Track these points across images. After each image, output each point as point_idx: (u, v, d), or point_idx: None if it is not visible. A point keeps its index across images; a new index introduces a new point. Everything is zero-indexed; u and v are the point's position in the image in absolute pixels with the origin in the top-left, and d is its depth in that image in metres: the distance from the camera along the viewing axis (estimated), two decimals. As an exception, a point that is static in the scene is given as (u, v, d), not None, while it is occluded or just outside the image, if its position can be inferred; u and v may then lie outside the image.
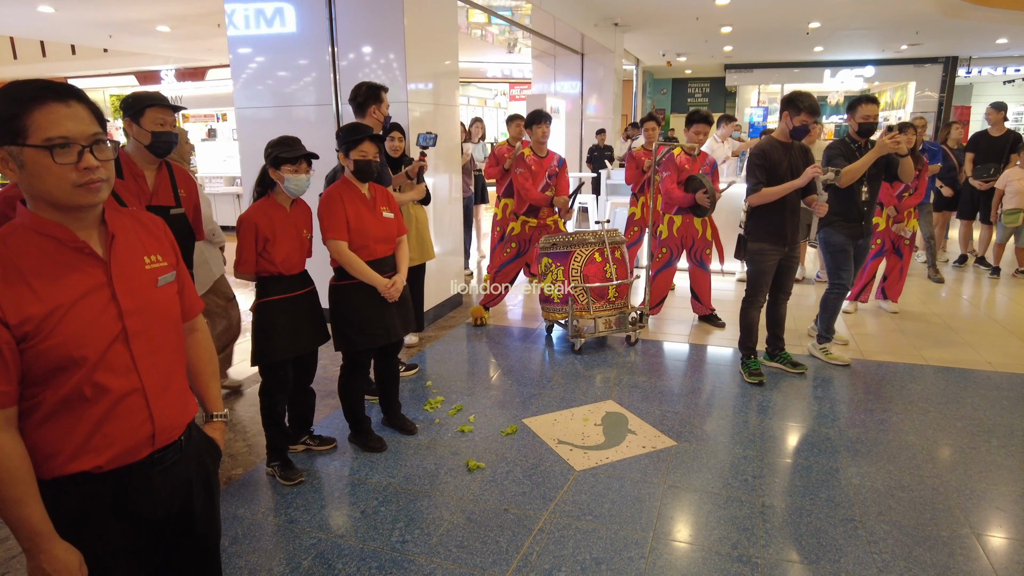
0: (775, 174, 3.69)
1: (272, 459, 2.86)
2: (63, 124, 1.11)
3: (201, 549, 1.44)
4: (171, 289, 1.35)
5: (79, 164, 1.13)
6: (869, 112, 3.82)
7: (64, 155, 1.11)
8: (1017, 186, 6.31)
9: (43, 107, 1.10)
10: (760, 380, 3.84)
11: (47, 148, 1.10)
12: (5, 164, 1.12)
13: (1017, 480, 2.78)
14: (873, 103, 3.86)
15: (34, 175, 1.11)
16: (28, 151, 1.10)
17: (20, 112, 1.09)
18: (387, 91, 3.50)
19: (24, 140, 1.09)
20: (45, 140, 1.10)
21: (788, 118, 3.68)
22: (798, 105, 3.61)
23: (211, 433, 1.50)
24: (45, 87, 1.12)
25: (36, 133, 1.10)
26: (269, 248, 2.62)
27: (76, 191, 1.14)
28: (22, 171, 1.11)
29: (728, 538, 2.39)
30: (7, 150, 1.10)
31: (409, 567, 2.25)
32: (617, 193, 7.55)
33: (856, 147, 3.92)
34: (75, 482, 1.19)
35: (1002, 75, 19.15)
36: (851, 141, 3.94)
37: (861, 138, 3.91)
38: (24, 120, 1.09)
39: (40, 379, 1.15)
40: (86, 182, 1.14)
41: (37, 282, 1.13)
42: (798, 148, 3.77)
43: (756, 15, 10.81)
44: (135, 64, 14.17)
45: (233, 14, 4.95)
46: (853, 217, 3.96)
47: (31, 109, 1.09)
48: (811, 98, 3.63)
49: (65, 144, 1.11)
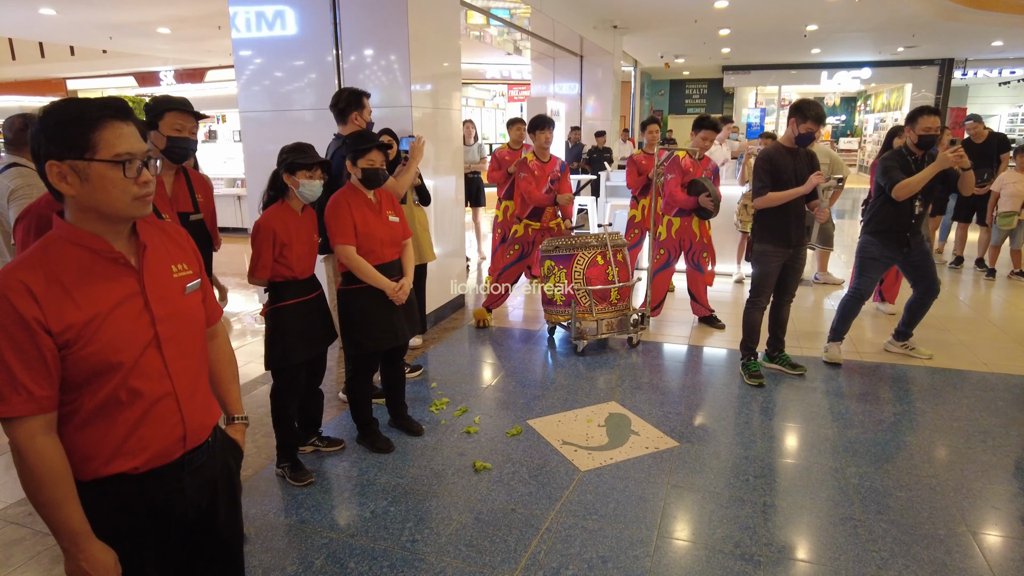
0: (780, 179, 3.76)
1: (282, 460, 2.91)
2: (127, 141, 1.19)
3: (225, 549, 1.49)
4: (197, 296, 1.41)
5: (139, 179, 1.21)
6: (931, 124, 3.78)
7: (131, 170, 1.19)
8: (1012, 189, 6.38)
9: (109, 125, 1.18)
10: (760, 382, 3.90)
11: (119, 163, 1.17)
12: (63, 178, 1.17)
13: (1012, 479, 2.85)
14: (935, 115, 3.81)
15: (99, 188, 1.18)
16: (97, 165, 1.16)
17: (89, 129, 1.16)
18: (369, 96, 3.50)
19: (93, 155, 1.16)
20: (115, 155, 1.17)
21: (795, 125, 3.74)
22: (805, 113, 3.68)
23: (233, 435, 1.55)
24: (109, 106, 1.19)
25: (105, 149, 1.17)
26: (286, 253, 2.66)
27: (134, 203, 1.21)
28: (84, 184, 1.17)
29: (731, 536, 2.45)
30: (71, 164, 1.16)
31: (420, 566, 2.30)
32: (617, 195, 7.60)
33: (913, 159, 3.90)
34: (111, 484, 1.24)
35: (997, 77, 19.28)
36: (908, 153, 3.92)
37: (919, 151, 3.89)
38: (92, 136, 1.16)
39: (79, 384, 1.19)
40: (144, 195, 1.22)
41: (77, 291, 1.18)
42: (803, 154, 3.83)
43: (754, 17, 10.88)
44: (134, 65, 14.18)
45: (236, 16, 4.98)
46: (899, 230, 3.95)
47: (99, 127, 1.17)
48: (818, 107, 3.71)
49: (131, 160, 1.19)
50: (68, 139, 1.15)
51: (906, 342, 4.40)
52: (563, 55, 11.30)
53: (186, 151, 2.50)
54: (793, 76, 19.66)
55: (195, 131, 2.54)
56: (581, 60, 11.65)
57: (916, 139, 3.86)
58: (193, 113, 2.49)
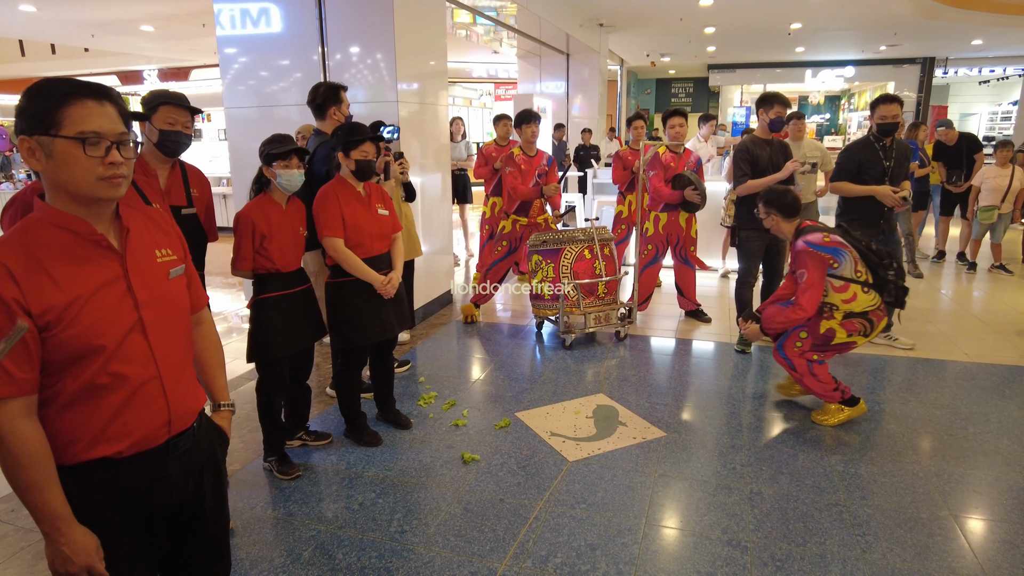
0: (758, 167, 4.01)
1: (269, 454, 2.89)
2: (96, 120, 1.17)
3: (211, 535, 1.49)
4: (181, 282, 1.40)
5: (106, 159, 1.18)
6: (887, 112, 3.92)
7: (94, 149, 1.17)
8: (992, 184, 6.48)
9: (78, 102, 1.16)
10: (744, 350, 4.31)
11: (80, 140, 1.16)
12: (32, 154, 1.16)
13: (992, 464, 2.89)
14: (893, 102, 3.93)
15: (62, 165, 1.16)
16: (60, 142, 1.15)
17: (56, 106, 1.15)
18: (346, 90, 3.46)
19: (57, 131, 1.15)
20: (78, 133, 1.16)
21: (763, 114, 4.03)
22: (771, 101, 3.98)
23: (219, 421, 1.55)
24: (81, 85, 1.18)
25: (70, 126, 1.15)
26: (266, 245, 2.65)
27: (99, 184, 1.19)
28: (49, 161, 1.16)
29: (718, 523, 2.47)
30: (37, 140, 1.15)
31: (408, 556, 2.30)
32: (604, 192, 7.63)
33: (880, 146, 4.02)
34: (95, 468, 1.23)
35: (977, 75, 19.56)
36: (875, 140, 4.05)
37: (885, 137, 4.01)
38: (59, 113, 1.15)
39: (60, 368, 1.19)
40: (110, 176, 1.20)
41: (57, 273, 1.17)
42: (778, 144, 4.11)
43: (739, 15, 10.96)
44: (117, 64, 14.04)
45: (221, 14, 4.95)
46: (870, 216, 4.05)
47: (67, 104, 1.15)
48: (779, 94, 4.03)
49: (96, 139, 1.17)
50: (36, 114, 1.15)
51: (888, 332, 4.46)
52: (550, 53, 11.32)
53: (178, 145, 2.48)
54: (778, 75, 19.82)
55: (189, 125, 2.50)
56: (568, 59, 11.68)
57: (875, 128, 4.04)
58: (188, 108, 2.47)
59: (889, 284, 3.08)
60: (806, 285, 3.06)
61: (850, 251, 3.08)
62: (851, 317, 3.14)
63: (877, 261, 3.08)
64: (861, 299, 3.09)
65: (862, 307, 3.11)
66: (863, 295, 3.09)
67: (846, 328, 3.14)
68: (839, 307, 3.13)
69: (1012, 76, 19.06)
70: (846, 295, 3.09)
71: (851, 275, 3.08)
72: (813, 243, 3.07)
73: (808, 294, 3.06)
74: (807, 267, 3.06)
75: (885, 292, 3.09)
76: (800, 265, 3.11)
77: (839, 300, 3.12)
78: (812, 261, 3.05)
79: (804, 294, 3.07)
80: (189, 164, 2.70)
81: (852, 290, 3.08)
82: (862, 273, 3.09)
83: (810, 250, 3.07)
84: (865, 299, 3.09)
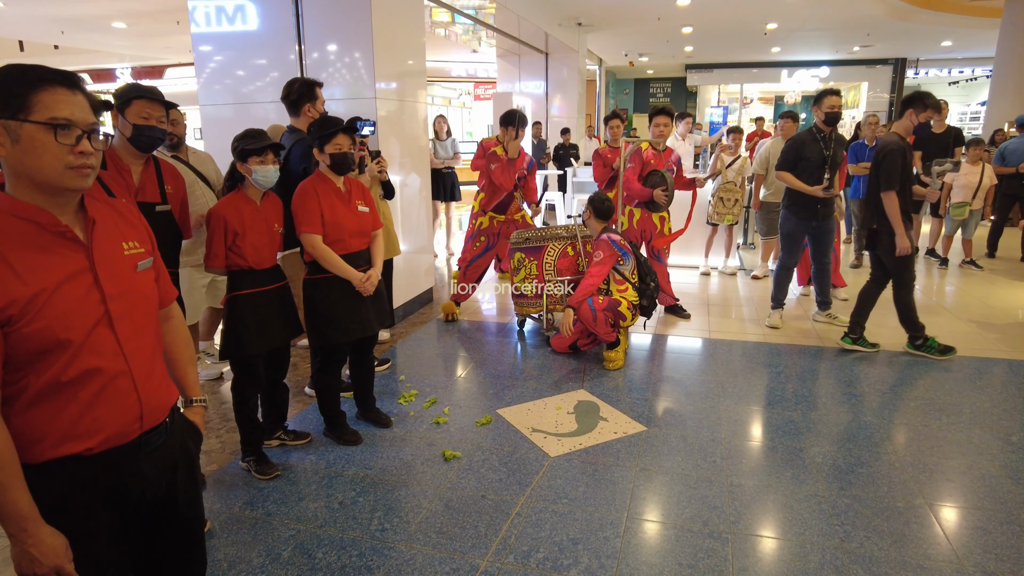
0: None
1: (247, 454, 2.85)
2: (68, 107, 1.15)
3: (186, 532, 1.45)
4: (149, 275, 1.37)
5: (76, 147, 1.15)
6: (833, 103, 4.38)
7: (65, 136, 1.14)
8: (964, 180, 6.62)
9: (50, 88, 1.14)
10: (854, 347, 4.38)
11: (51, 126, 1.13)
12: None
13: (965, 453, 2.95)
14: (837, 95, 4.44)
15: (29, 151, 1.13)
16: (29, 127, 1.12)
17: (27, 90, 1.12)
18: (321, 86, 3.43)
19: (27, 116, 1.12)
20: (50, 118, 1.13)
21: (913, 115, 4.01)
22: (922, 103, 3.97)
23: (192, 417, 1.51)
24: (54, 72, 1.16)
25: (42, 111, 1.12)
26: (238, 242, 2.60)
27: (67, 173, 1.16)
28: (15, 146, 1.13)
29: (699, 516, 2.48)
30: (4, 124, 1.12)
31: (389, 554, 2.28)
32: (584, 190, 7.66)
33: (822, 136, 4.40)
34: (64, 465, 1.20)
35: (948, 76, 19.98)
36: (817, 131, 4.45)
37: (827, 127, 4.41)
38: (31, 98, 1.12)
39: (24, 363, 1.15)
40: (79, 165, 1.17)
41: (20, 265, 1.13)
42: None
43: (716, 14, 11.08)
44: (88, 62, 13.77)
45: (195, 11, 4.87)
46: (809, 203, 4.48)
47: (39, 89, 1.13)
48: (931, 95, 4.10)
49: (67, 126, 1.14)
50: (4, 97, 1.11)
51: (829, 311, 4.91)
52: (529, 53, 11.34)
53: (152, 140, 2.43)
54: (754, 75, 20.08)
55: (163, 120, 2.45)
56: (547, 58, 11.71)
57: (823, 116, 4.40)
58: (162, 101, 2.42)
59: (647, 292, 4.12)
60: (599, 262, 4.00)
61: (633, 257, 4.11)
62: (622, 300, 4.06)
63: (645, 271, 4.14)
64: (629, 294, 4.06)
65: (628, 300, 4.05)
66: (631, 292, 4.07)
67: (624, 300, 4.04)
68: (614, 294, 4.06)
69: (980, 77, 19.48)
70: (621, 287, 4.07)
71: (629, 276, 4.10)
72: (613, 240, 4.05)
73: (597, 267, 3.99)
74: (603, 250, 4.02)
75: (644, 296, 4.10)
76: (598, 248, 4.06)
77: (615, 290, 4.07)
78: (607, 249, 4.01)
79: (595, 267, 4.00)
80: (163, 160, 2.64)
81: (625, 286, 4.08)
82: (634, 277, 4.12)
83: (609, 243, 4.03)
84: (632, 295, 4.07)
